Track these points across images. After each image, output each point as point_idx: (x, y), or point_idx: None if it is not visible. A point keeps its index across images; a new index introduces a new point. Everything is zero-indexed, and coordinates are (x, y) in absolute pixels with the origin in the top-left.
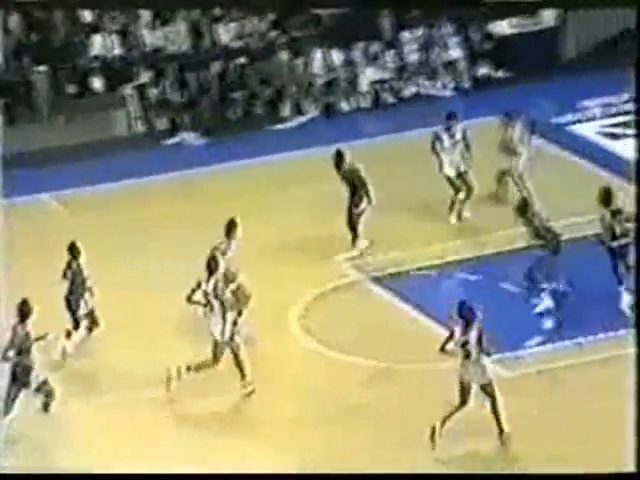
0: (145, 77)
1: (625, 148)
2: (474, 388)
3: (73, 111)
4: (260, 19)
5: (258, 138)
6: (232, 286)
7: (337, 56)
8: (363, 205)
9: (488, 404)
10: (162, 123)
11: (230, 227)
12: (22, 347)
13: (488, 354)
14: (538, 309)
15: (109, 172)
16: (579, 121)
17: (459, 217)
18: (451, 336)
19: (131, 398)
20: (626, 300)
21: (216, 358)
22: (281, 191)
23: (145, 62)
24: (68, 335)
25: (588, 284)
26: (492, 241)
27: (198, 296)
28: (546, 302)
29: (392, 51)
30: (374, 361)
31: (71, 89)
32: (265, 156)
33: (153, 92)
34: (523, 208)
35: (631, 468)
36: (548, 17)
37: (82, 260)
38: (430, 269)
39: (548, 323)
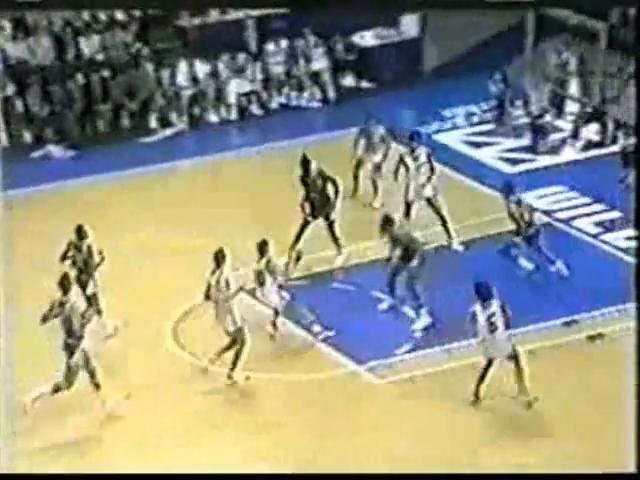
0: (9, 90)
1: (487, 156)
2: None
3: None
4: (123, 31)
5: (126, 150)
6: None
7: (202, 68)
8: (337, 207)
9: (515, 372)
10: (28, 136)
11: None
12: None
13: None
14: (416, 326)
15: None
16: (443, 130)
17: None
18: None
19: None
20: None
21: None
22: (152, 203)
23: (8, 74)
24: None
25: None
26: (361, 250)
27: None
28: (423, 320)
29: (258, 63)
30: (249, 373)
31: None
32: (133, 168)
33: (17, 105)
34: (385, 225)
35: (631, 468)
36: (409, 28)
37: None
38: (302, 279)
39: (418, 333)
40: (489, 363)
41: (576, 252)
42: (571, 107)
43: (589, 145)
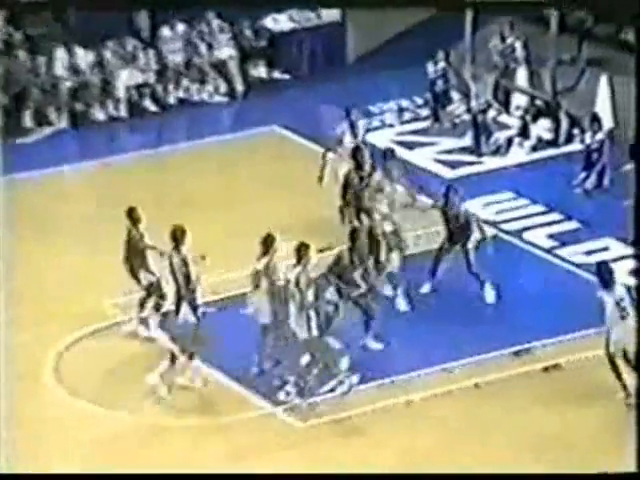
0: None
1: (423, 158)
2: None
3: None
4: None
5: None
6: None
7: (85, 56)
8: None
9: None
10: None
11: None
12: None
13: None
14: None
15: None
16: (371, 129)
17: None
18: None
19: None
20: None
21: None
22: (28, 216)
23: None
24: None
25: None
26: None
27: None
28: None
29: (151, 50)
30: (139, 415)
31: None
32: (4, 175)
33: None
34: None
35: (631, 468)
36: (329, 10)
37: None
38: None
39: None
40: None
41: (527, 269)
42: (518, 101)
43: (540, 144)
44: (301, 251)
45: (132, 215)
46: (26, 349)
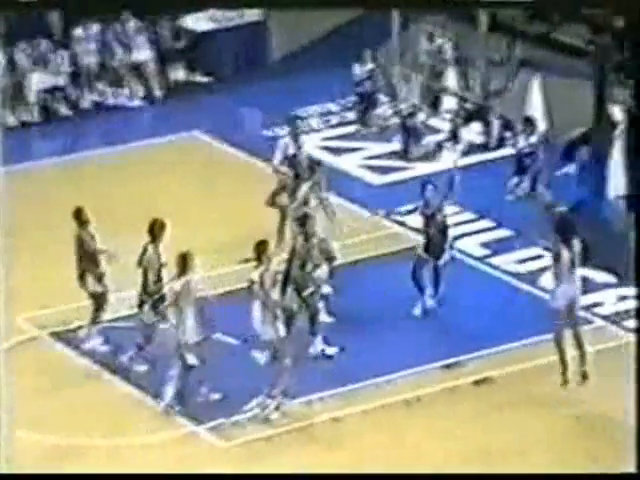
0: None
1: (350, 164)
2: None
3: None
4: None
5: None
6: None
7: None
8: None
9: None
10: None
11: None
12: None
13: None
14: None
15: None
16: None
17: None
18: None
19: None
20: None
21: None
22: None
23: None
24: None
25: None
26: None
27: None
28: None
29: (64, 52)
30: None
31: None
32: None
33: None
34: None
35: (631, 468)
36: (252, 11)
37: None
38: (125, 319)
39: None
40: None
41: (459, 278)
42: (448, 103)
43: (471, 149)
44: (260, 249)
45: (80, 217)
46: None
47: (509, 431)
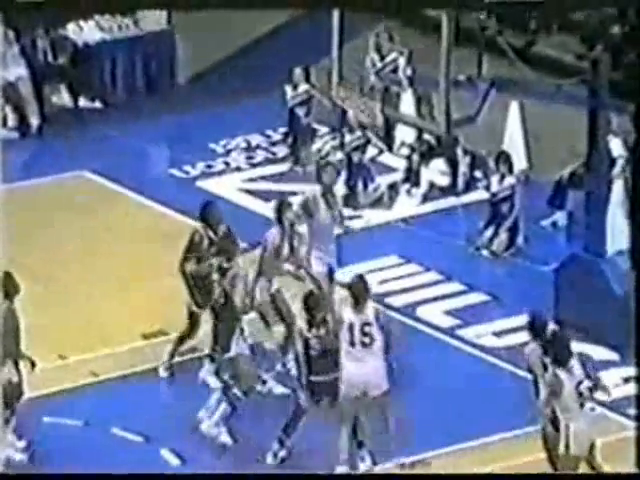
0: None
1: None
2: None
3: None
4: None
5: None
6: None
7: None
8: None
9: None
10: None
11: None
12: None
13: None
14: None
15: None
16: (211, 173)
17: None
18: None
19: None
20: None
21: None
22: None
23: None
24: None
25: None
26: None
27: None
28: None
29: None
30: None
31: None
32: None
33: None
34: None
35: (631, 468)
36: (151, 16)
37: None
38: None
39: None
40: None
41: (420, 355)
42: (404, 134)
43: (433, 192)
44: None
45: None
46: None
47: None
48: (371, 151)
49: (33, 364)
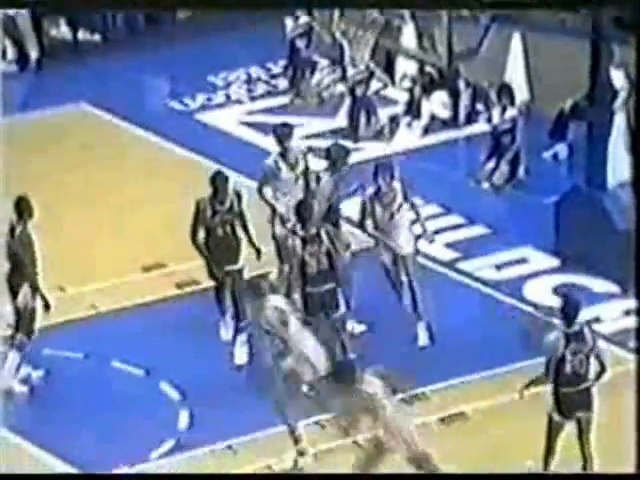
0: None
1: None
2: None
3: None
4: None
5: None
6: None
7: None
8: None
9: None
10: None
11: None
12: None
13: None
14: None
15: None
16: (211, 106)
17: None
18: None
19: None
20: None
21: None
22: None
23: None
24: None
25: None
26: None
27: None
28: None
29: None
30: None
31: None
32: None
33: None
34: None
35: (631, 468)
36: None
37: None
38: None
39: (182, 422)
40: None
41: (422, 289)
42: (405, 67)
43: (435, 125)
44: None
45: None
46: None
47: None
48: (373, 84)
49: (47, 306)
